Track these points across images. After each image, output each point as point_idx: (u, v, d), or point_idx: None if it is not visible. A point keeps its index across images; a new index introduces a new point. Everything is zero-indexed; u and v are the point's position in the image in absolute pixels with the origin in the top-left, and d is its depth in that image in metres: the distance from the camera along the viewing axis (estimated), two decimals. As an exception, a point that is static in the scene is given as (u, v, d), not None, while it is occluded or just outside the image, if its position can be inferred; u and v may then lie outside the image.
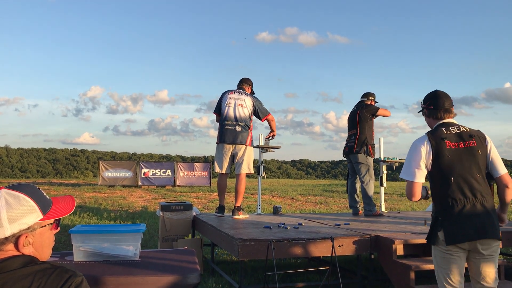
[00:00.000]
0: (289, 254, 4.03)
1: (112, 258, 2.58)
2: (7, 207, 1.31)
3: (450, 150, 2.68)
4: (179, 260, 2.64)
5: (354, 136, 6.37)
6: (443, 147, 2.69)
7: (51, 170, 67.65)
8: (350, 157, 6.43)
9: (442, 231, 2.66)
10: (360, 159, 6.29)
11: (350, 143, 6.40)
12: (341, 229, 4.70)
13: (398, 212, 7.24)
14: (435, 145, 2.70)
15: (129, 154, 77.80)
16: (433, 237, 2.73)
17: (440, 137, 2.71)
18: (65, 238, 7.16)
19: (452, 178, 2.66)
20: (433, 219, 2.77)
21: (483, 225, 2.60)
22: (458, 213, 2.63)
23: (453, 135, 2.72)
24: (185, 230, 5.84)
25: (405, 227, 4.90)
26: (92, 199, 13.57)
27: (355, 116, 6.43)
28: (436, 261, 2.77)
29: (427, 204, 12.46)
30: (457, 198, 2.65)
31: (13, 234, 1.31)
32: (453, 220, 2.64)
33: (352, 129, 6.45)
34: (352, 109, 6.65)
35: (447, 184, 2.68)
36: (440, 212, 2.71)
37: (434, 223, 2.74)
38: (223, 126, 5.75)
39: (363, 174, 6.28)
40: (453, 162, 2.67)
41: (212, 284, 4.74)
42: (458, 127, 2.77)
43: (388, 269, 4.05)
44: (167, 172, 20.09)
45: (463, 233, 2.60)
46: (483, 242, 2.62)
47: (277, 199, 14.92)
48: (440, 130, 2.76)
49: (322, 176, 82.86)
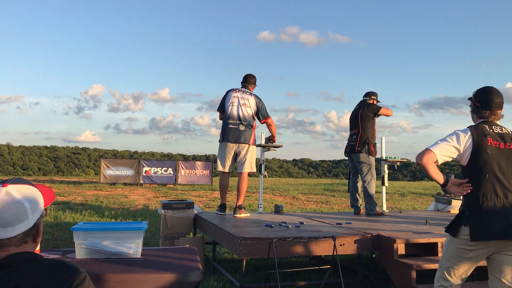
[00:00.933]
0: (291, 253, 4.03)
1: (114, 256, 2.58)
2: (26, 198, 1.34)
3: (490, 148, 2.66)
4: (181, 258, 2.65)
5: (356, 135, 6.36)
6: (484, 143, 2.67)
7: (52, 168, 67.76)
8: (352, 156, 6.43)
9: (468, 226, 2.65)
10: (362, 158, 6.28)
11: (352, 142, 6.39)
12: (342, 228, 4.70)
13: (399, 212, 7.24)
14: (476, 139, 2.68)
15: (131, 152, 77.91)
16: (455, 229, 2.72)
17: (483, 133, 2.69)
18: (67, 236, 7.17)
19: (487, 175, 2.65)
20: (459, 212, 2.76)
21: (511, 225, 2.60)
22: (487, 210, 2.62)
23: (496, 134, 2.70)
24: (187, 228, 5.84)
25: (406, 227, 4.89)
26: (93, 197, 13.58)
27: (357, 115, 6.43)
28: (447, 251, 2.76)
29: (428, 204, 12.45)
30: (488, 196, 2.64)
31: (35, 223, 1.36)
32: (481, 216, 2.63)
33: (354, 128, 6.45)
34: (354, 108, 6.64)
35: (481, 180, 2.67)
36: (468, 207, 2.69)
37: (460, 216, 2.73)
38: (227, 125, 5.74)
39: (365, 173, 6.28)
40: (491, 160, 2.66)
41: (213, 282, 4.74)
42: (501, 128, 2.75)
43: (389, 269, 4.05)
44: (169, 170, 20.08)
45: (490, 231, 2.59)
46: (509, 243, 2.62)
47: (279, 198, 14.91)
48: (483, 126, 2.73)
49: (323, 175, 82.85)
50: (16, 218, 1.30)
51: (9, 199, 1.31)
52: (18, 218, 1.30)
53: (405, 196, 16.63)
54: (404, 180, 48.59)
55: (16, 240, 1.31)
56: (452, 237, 2.75)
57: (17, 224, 1.30)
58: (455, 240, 2.72)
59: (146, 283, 2.23)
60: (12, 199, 1.31)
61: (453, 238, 2.74)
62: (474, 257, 2.67)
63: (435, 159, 2.69)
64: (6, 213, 1.29)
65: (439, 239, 4.07)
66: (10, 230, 1.29)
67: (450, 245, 2.75)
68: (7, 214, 1.29)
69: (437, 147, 2.71)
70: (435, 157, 2.69)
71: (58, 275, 1.28)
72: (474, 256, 2.67)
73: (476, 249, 2.65)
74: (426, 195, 16.71)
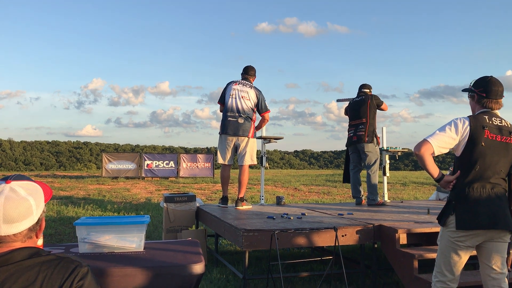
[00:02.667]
0: (293, 244, 4.04)
1: (117, 250, 2.60)
2: (31, 195, 1.35)
3: (486, 140, 2.67)
4: (183, 251, 2.66)
5: (362, 125, 6.29)
6: (481, 134, 2.67)
7: (54, 162, 67.81)
8: (359, 146, 6.35)
9: (454, 214, 2.67)
10: (370, 148, 6.27)
11: (359, 132, 6.30)
12: (344, 219, 4.71)
13: (401, 202, 7.25)
14: (474, 129, 2.68)
15: (132, 146, 77.92)
16: (443, 219, 2.75)
17: (482, 125, 2.69)
18: (69, 230, 7.20)
19: (477, 167, 2.66)
20: (447, 201, 2.78)
21: (495, 216, 2.62)
22: (473, 200, 2.65)
23: (494, 126, 2.71)
24: (189, 221, 5.86)
25: (408, 216, 4.91)
26: (95, 191, 13.62)
27: (364, 105, 6.34)
28: (440, 246, 2.79)
29: (430, 193, 12.47)
30: (475, 186, 2.66)
31: (39, 219, 1.38)
32: (466, 206, 2.65)
33: (359, 118, 6.35)
34: (356, 99, 6.57)
35: (470, 171, 2.68)
36: (455, 196, 2.72)
37: (447, 206, 2.76)
38: (226, 117, 5.74)
39: (372, 163, 6.27)
40: (485, 152, 2.67)
41: (216, 274, 4.77)
42: (501, 120, 2.75)
43: (391, 258, 4.06)
44: (170, 163, 20.11)
45: (473, 220, 2.62)
46: (499, 233, 2.65)
47: (280, 190, 14.94)
48: (483, 117, 2.73)
49: (324, 166, 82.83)
50: (22, 215, 1.31)
51: (15, 196, 1.32)
52: (24, 215, 1.32)
53: (407, 185, 16.65)
54: (405, 170, 48.60)
55: (21, 236, 1.33)
56: (444, 230, 2.77)
57: (22, 220, 1.32)
58: (446, 233, 2.75)
59: (148, 276, 2.24)
60: (17, 196, 1.32)
61: (444, 231, 2.76)
62: (465, 247, 2.69)
63: (432, 150, 2.70)
64: (12, 210, 1.30)
65: (441, 228, 4.08)
66: (16, 226, 1.31)
67: (443, 239, 2.78)
68: (13, 211, 1.30)
69: (434, 138, 2.71)
70: (432, 149, 2.70)
71: (61, 269, 1.29)
72: (465, 247, 2.69)
73: (466, 240, 2.67)
74: (427, 185, 16.73)
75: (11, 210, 1.30)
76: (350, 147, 6.55)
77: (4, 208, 1.29)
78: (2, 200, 1.30)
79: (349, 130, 6.56)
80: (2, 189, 1.33)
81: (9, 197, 1.31)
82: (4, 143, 68.84)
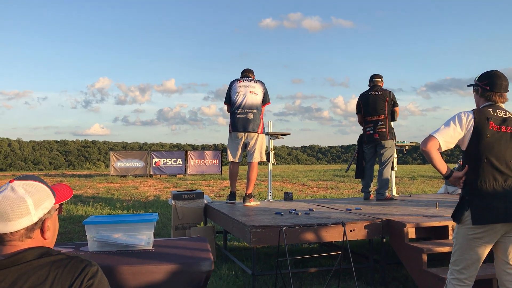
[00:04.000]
0: (301, 240, 4.05)
1: (126, 248, 2.62)
2: (29, 195, 1.35)
3: (491, 132, 2.65)
4: (192, 248, 2.67)
5: (382, 121, 6.20)
6: (485, 127, 2.66)
7: (63, 161, 68.23)
8: (381, 143, 6.26)
9: (469, 210, 2.65)
10: (390, 144, 6.26)
11: (380, 129, 6.20)
12: (352, 214, 4.71)
13: (409, 196, 7.22)
14: (478, 122, 2.67)
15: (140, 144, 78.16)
16: (458, 215, 2.73)
17: (486, 117, 2.68)
18: (79, 229, 7.26)
19: (485, 159, 2.65)
20: (460, 197, 2.76)
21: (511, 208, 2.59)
22: (487, 194, 2.62)
23: (499, 118, 2.69)
24: (197, 218, 5.89)
25: (416, 210, 4.89)
26: (104, 189, 13.70)
27: (383, 101, 6.27)
28: (457, 243, 2.76)
29: (439, 187, 12.41)
30: (487, 180, 2.64)
31: (40, 219, 1.37)
32: (481, 200, 2.63)
33: (377, 114, 6.24)
34: (372, 93, 6.35)
35: (479, 164, 2.66)
36: (468, 192, 2.69)
37: (461, 202, 2.73)
38: (235, 115, 5.73)
39: (389, 157, 6.27)
40: (491, 144, 2.65)
41: (225, 271, 4.79)
42: (505, 112, 2.74)
43: (400, 253, 4.06)
44: (178, 161, 20.16)
45: (491, 214, 2.59)
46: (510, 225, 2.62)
47: (288, 185, 14.94)
48: (487, 110, 2.72)
49: (332, 161, 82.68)
50: (17, 214, 1.32)
51: (12, 195, 1.33)
52: (19, 214, 1.32)
53: (415, 179, 16.58)
54: (414, 164, 48.39)
55: (18, 235, 1.33)
56: (459, 227, 2.74)
57: (18, 219, 1.32)
58: (462, 230, 2.72)
59: (158, 273, 2.26)
60: (15, 195, 1.33)
61: (460, 228, 2.73)
62: (483, 243, 2.66)
63: (439, 145, 2.69)
64: (7, 208, 1.31)
65: (450, 222, 4.06)
66: (12, 225, 1.31)
67: (459, 236, 2.74)
68: (8, 209, 1.31)
69: (440, 134, 2.70)
70: (439, 144, 2.69)
71: (71, 269, 1.31)
72: (483, 243, 2.66)
73: (484, 236, 2.64)
74: (436, 178, 16.65)
75: (6, 209, 1.31)
76: (371, 143, 6.36)
77: (0, 207, 1.31)
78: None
79: (366, 126, 6.35)
80: (4, 188, 1.35)
81: (6, 196, 1.33)
82: (13, 143, 69.38)
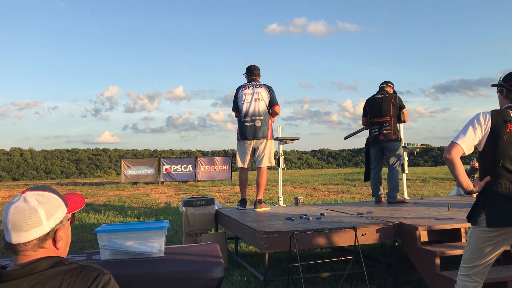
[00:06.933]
0: (312, 245, 4.04)
1: (138, 256, 2.63)
2: (41, 205, 1.36)
3: (508, 134, 2.63)
4: (204, 254, 2.68)
5: (388, 123, 6.20)
6: (503, 129, 2.63)
7: (74, 170, 68.80)
8: (386, 144, 6.26)
9: (484, 212, 2.63)
10: (396, 146, 6.23)
11: (385, 131, 6.20)
12: (363, 218, 4.69)
13: (421, 198, 7.17)
14: (495, 123, 2.64)
15: (150, 151, 78.61)
16: (474, 217, 2.71)
17: (504, 119, 2.65)
18: (91, 237, 7.30)
19: (501, 161, 2.62)
20: (476, 199, 2.74)
21: None
22: (502, 197, 2.60)
23: None
24: (208, 225, 5.90)
25: (428, 213, 4.85)
26: (116, 197, 13.77)
27: (387, 102, 6.28)
28: (470, 242, 2.74)
29: (450, 189, 12.30)
30: (503, 183, 2.62)
31: (52, 229, 1.38)
32: (495, 202, 2.61)
33: (382, 116, 6.24)
34: (377, 96, 6.39)
35: (495, 166, 2.64)
36: (483, 193, 2.67)
37: (476, 204, 2.72)
38: (243, 123, 5.74)
39: (396, 160, 6.24)
40: (507, 146, 2.62)
41: (237, 277, 4.79)
42: None
43: (412, 256, 4.03)
44: (188, 167, 20.25)
45: (506, 217, 2.57)
46: None
47: (299, 190, 14.91)
48: (506, 111, 2.69)
49: (343, 164, 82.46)
50: (29, 224, 1.33)
51: (25, 206, 1.35)
52: (31, 224, 1.34)
53: (427, 182, 16.46)
54: (425, 166, 48.05)
55: (31, 245, 1.34)
56: (474, 229, 2.72)
57: (30, 229, 1.33)
58: (477, 231, 2.70)
59: (169, 281, 2.27)
60: (27, 206, 1.35)
61: (475, 229, 2.71)
62: (497, 245, 2.65)
63: (462, 152, 2.66)
64: (19, 219, 1.33)
65: (462, 224, 4.03)
66: (24, 236, 1.33)
67: (473, 236, 2.73)
68: (20, 220, 1.33)
69: (461, 139, 2.66)
70: (462, 150, 2.66)
71: (84, 277, 1.32)
72: (497, 245, 2.65)
73: (498, 238, 2.62)
74: (448, 180, 16.52)
75: (18, 220, 1.33)
76: (376, 145, 6.38)
77: (12, 218, 1.33)
78: (12, 210, 1.34)
79: (372, 128, 6.38)
80: (17, 199, 1.37)
81: (19, 207, 1.34)
82: (25, 153, 70.06)
